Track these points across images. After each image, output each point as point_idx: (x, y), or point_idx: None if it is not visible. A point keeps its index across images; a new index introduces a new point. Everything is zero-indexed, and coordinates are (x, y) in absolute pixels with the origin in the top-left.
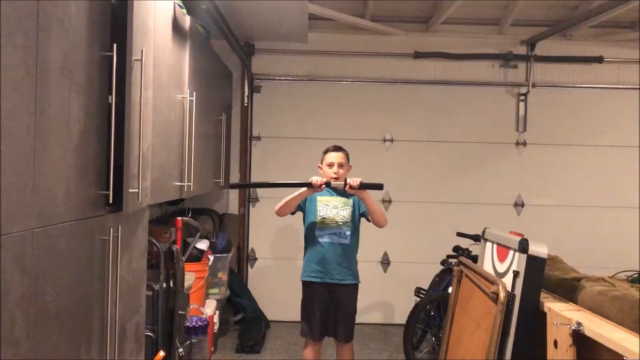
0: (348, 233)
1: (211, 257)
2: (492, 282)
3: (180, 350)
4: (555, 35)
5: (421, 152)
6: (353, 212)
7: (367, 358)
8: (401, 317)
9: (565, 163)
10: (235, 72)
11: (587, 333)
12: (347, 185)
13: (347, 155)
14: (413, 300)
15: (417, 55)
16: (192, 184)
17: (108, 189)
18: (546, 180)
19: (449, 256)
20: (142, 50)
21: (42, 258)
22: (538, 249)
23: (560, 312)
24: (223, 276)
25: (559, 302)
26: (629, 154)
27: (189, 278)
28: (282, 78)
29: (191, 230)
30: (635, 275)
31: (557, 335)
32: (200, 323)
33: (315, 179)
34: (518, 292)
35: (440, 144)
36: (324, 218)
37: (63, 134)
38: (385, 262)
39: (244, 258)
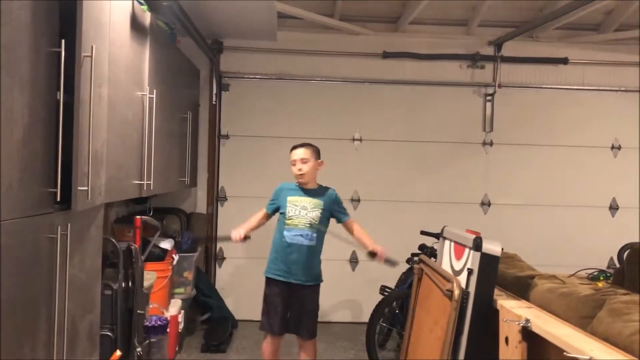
0: (315, 235)
1: (176, 257)
2: (448, 280)
3: (139, 349)
4: (521, 37)
5: (389, 152)
6: (322, 214)
7: (333, 357)
8: (369, 316)
9: (531, 163)
10: (203, 70)
11: (535, 329)
12: (377, 256)
13: (313, 150)
14: (379, 298)
15: (386, 55)
16: (152, 182)
17: (57, 187)
18: (512, 180)
19: (413, 254)
20: (92, 47)
21: None
22: (491, 246)
23: (511, 309)
24: (189, 275)
25: (512, 299)
26: (595, 154)
27: (150, 277)
28: (251, 76)
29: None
30: (595, 273)
31: (508, 332)
32: (159, 322)
33: (234, 235)
34: (472, 289)
35: (408, 143)
36: (292, 218)
37: (5, 131)
38: (354, 261)
39: (211, 257)
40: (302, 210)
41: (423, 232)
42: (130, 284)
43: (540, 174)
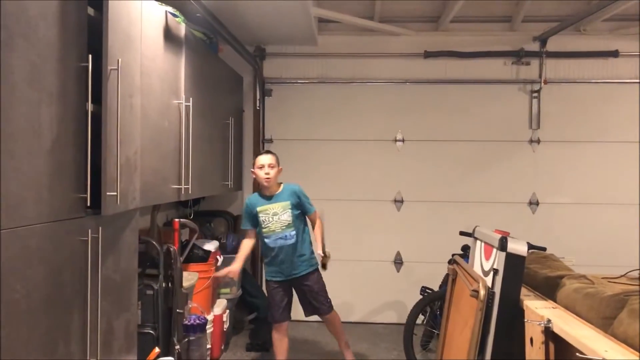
0: (293, 233)
1: (220, 258)
2: (476, 280)
3: (178, 347)
4: (568, 30)
5: (433, 152)
6: (292, 212)
7: (376, 357)
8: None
9: (580, 160)
10: (246, 76)
11: (556, 330)
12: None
13: (276, 157)
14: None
15: (427, 54)
16: (190, 186)
17: (87, 193)
18: (561, 178)
19: (454, 255)
20: (118, 60)
21: (9, 256)
22: (517, 246)
23: (535, 310)
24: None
25: (539, 299)
26: None
27: (191, 278)
28: (293, 81)
29: (206, 233)
30: None
31: (532, 333)
32: (198, 321)
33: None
34: (498, 289)
35: (452, 143)
36: (268, 226)
37: (32, 141)
38: (398, 262)
39: (258, 258)
40: (274, 216)
41: (462, 233)
42: (170, 284)
43: (591, 172)
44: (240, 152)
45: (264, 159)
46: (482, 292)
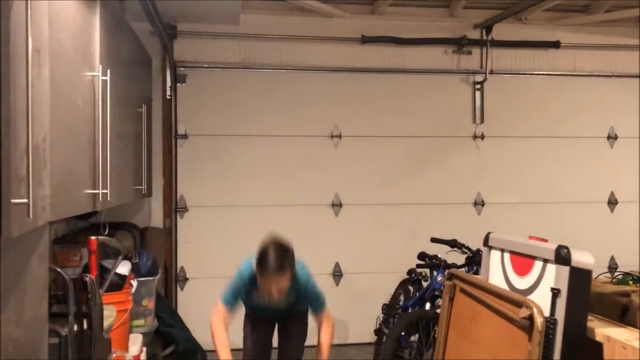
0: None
1: (134, 283)
2: (519, 304)
3: None
4: (509, 19)
5: (373, 149)
6: (297, 297)
7: None
8: (356, 336)
9: (525, 157)
10: (155, 59)
11: None
12: None
13: (290, 272)
14: (375, 318)
15: (365, 40)
16: (108, 191)
17: None
18: (507, 176)
19: (418, 265)
20: None
21: None
22: (583, 258)
23: (627, 342)
24: (149, 304)
25: (614, 326)
26: (590, 145)
27: (110, 314)
28: (210, 66)
29: (108, 252)
30: (620, 277)
31: None
32: None
33: None
34: (560, 316)
35: (393, 139)
36: (261, 303)
37: None
38: (337, 274)
39: (172, 279)
40: (271, 305)
41: (435, 240)
42: (85, 327)
43: (535, 169)
44: (150, 150)
45: (276, 282)
46: (539, 321)
